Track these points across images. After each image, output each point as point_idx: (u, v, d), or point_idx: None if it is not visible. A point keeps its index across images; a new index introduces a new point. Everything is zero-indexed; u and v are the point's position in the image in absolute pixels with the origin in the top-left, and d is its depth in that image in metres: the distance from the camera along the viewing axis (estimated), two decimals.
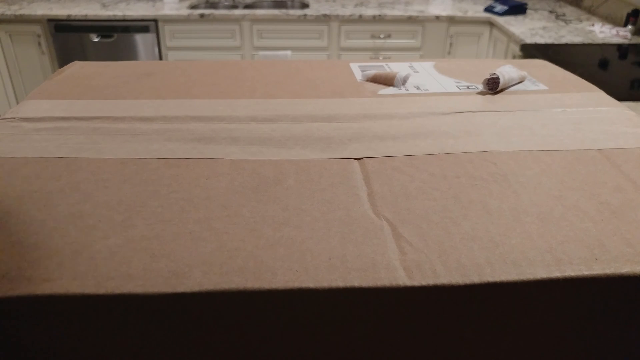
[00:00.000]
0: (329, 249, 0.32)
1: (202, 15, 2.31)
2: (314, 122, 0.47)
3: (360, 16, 2.33)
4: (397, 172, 0.40)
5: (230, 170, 0.40)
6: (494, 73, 0.54)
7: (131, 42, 2.36)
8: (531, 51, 1.84)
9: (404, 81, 0.56)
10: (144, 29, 2.34)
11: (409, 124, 0.47)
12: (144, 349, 0.31)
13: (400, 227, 0.34)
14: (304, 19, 2.34)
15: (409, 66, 0.61)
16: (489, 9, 2.39)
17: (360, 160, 0.42)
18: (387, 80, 0.56)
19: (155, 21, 2.33)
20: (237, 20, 2.34)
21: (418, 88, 0.55)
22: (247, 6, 2.53)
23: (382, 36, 2.39)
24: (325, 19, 2.34)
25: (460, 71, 0.60)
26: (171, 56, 2.40)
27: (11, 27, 2.33)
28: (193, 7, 2.45)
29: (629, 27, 2.03)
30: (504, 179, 0.39)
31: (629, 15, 2.05)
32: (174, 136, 0.44)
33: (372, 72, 0.58)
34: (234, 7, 2.49)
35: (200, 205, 0.36)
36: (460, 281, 0.30)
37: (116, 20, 2.31)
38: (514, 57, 2.05)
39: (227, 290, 0.29)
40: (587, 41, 1.97)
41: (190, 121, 0.47)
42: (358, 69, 0.60)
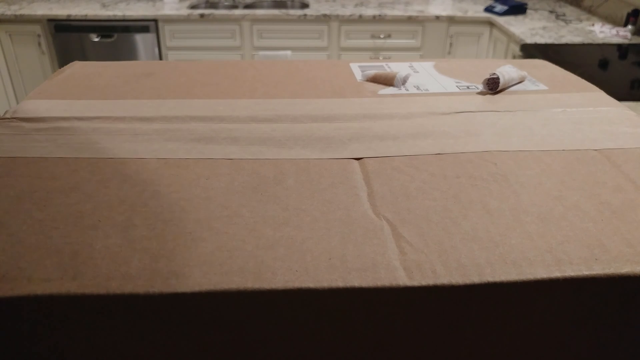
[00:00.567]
0: (329, 249, 0.32)
1: (202, 15, 2.31)
2: (314, 122, 0.47)
3: (360, 16, 2.33)
4: (397, 172, 0.40)
5: (230, 170, 0.40)
6: (494, 73, 0.54)
7: (131, 42, 2.36)
8: (531, 51, 1.84)
9: (404, 81, 0.56)
10: (144, 29, 2.34)
11: (409, 124, 0.47)
12: (144, 349, 0.31)
13: (400, 227, 0.34)
14: (304, 19, 2.34)
15: (409, 66, 0.61)
16: (489, 9, 2.39)
17: (360, 160, 0.42)
18: (387, 80, 0.56)
19: (155, 21, 2.33)
20: (237, 20, 2.34)
21: (418, 88, 0.55)
22: (247, 6, 2.53)
23: (382, 36, 2.39)
24: (325, 19, 2.34)
25: (460, 71, 0.60)
26: (171, 56, 2.40)
27: (11, 27, 2.33)
28: (193, 7, 2.45)
29: (629, 27, 2.03)
30: (504, 179, 0.39)
31: (629, 15, 2.05)
32: (174, 136, 0.44)
33: (372, 72, 0.58)
34: (234, 7, 2.49)
35: (200, 205, 0.36)
36: (460, 281, 0.30)
37: (116, 20, 2.31)
38: (514, 57, 2.05)
39: (227, 290, 0.29)
40: (587, 41, 1.97)
41: (190, 121, 0.47)
42: (358, 69, 0.60)
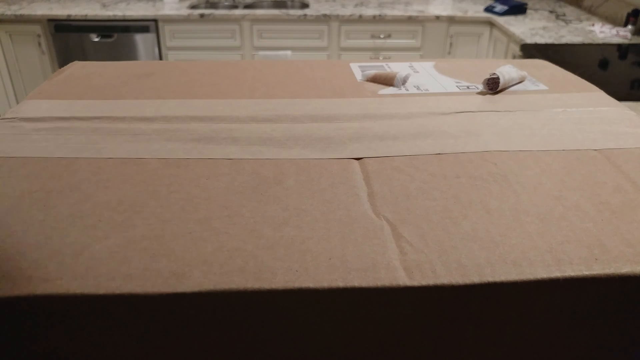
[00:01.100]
0: (329, 249, 0.32)
1: (202, 15, 2.31)
2: (314, 122, 0.47)
3: (360, 16, 2.33)
4: (397, 172, 0.40)
5: (230, 170, 0.40)
6: (494, 73, 0.54)
7: (131, 42, 2.36)
8: (531, 51, 1.84)
9: (404, 81, 0.56)
10: (144, 29, 2.34)
11: (409, 124, 0.47)
12: (144, 349, 0.31)
13: (400, 227, 0.34)
14: (304, 19, 2.34)
15: (409, 66, 0.61)
16: (489, 9, 2.39)
17: (360, 160, 0.42)
18: (387, 80, 0.56)
19: (155, 21, 2.33)
20: (237, 20, 2.34)
21: (418, 88, 0.55)
22: (247, 6, 2.53)
23: (382, 36, 2.39)
24: (325, 19, 2.34)
25: (460, 71, 0.60)
26: (171, 56, 2.40)
27: (11, 27, 2.33)
28: (193, 7, 2.45)
29: (629, 27, 2.03)
30: (504, 179, 0.39)
31: (629, 15, 2.05)
32: (174, 136, 0.44)
33: (372, 72, 0.58)
34: (234, 7, 2.49)
35: (200, 205, 0.36)
36: (460, 281, 0.30)
37: (116, 20, 2.31)
38: (514, 57, 2.05)
39: (227, 290, 0.29)
40: (587, 41, 1.97)
41: (190, 121, 0.47)
42: (358, 69, 0.60)
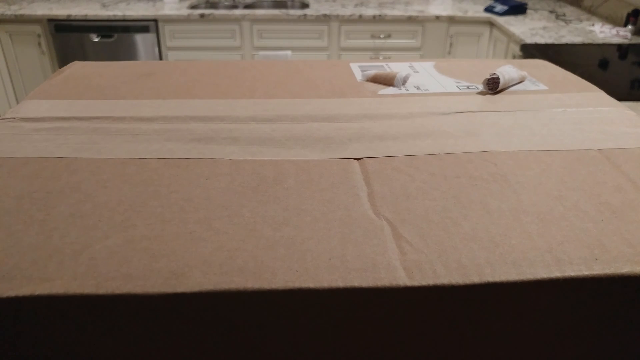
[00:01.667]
0: (329, 249, 0.32)
1: (202, 15, 2.31)
2: (314, 122, 0.47)
3: (360, 16, 2.33)
4: (397, 172, 0.40)
5: (230, 170, 0.40)
6: (494, 73, 0.54)
7: (131, 42, 2.36)
8: (531, 51, 1.84)
9: (404, 81, 0.56)
10: (144, 29, 2.34)
11: (409, 124, 0.47)
12: (144, 349, 0.31)
13: (400, 227, 0.34)
14: (304, 19, 2.34)
15: (409, 66, 0.61)
16: (489, 9, 2.39)
17: (360, 160, 0.42)
18: (387, 80, 0.56)
19: (155, 21, 2.33)
20: (237, 20, 2.34)
21: (418, 88, 0.55)
22: (247, 6, 2.53)
23: (382, 36, 2.39)
24: (325, 19, 2.34)
25: (460, 71, 0.60)
26: (171, 56, 2.40)
27: (11, 27, 2.33)
28: (193, 7, 2.45)
29: (629, 27, 2.03)
30: (504, 179, 0.39)
31: (629, 15, 2.05)
32: (174, 136, 0.44)
33: (372, 72, 0.58)
34: (234, 7, 2.49)
35: (200, 205, 0.36)
36: (460, 281, 0.30)
37: (116, 20, 2.31)
38: (514, 57, 2.05)
39: (227, 290, 0.29)
40: (587, 41, 1.97)
41: (190, 121, 0.47)
42: (358, 69, 0.60)
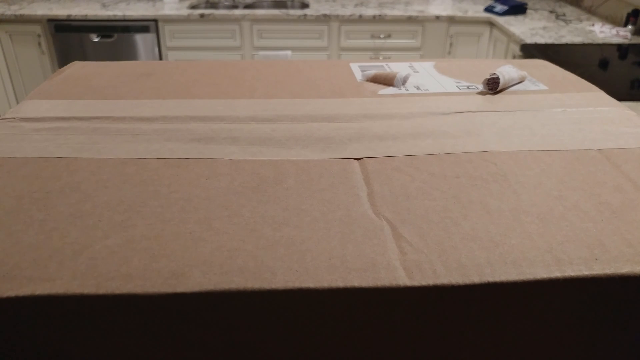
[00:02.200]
0: (329, 249, 0.32)
1: (202, 15, 2.31)
2: (314, 122, 0.47)
3: (360, 16, 2.33)
4: (397, 172, 0.40)
5: (230, 170, 0.40)
6: (494, 73, 0.54)
7: (131, 42, 2.36)
8: (531, 51, 1.84)
9: (404, 81, 0.56)
10: (144, 29, 2.34)
11: (409, 124, 0.47)
12: (144, 349, 0.31)
13: (400, 227, 0.34)
14: (304, 19, 2.34)
15: (409, 66, 0.61)
16: (489, 9, 2.39)
17: (360, 160, 0.42)
18: (387, 80, 0.56)
19: (155, 21, 2.33)
20: (237, 20, 2.34)
21: (418, 88, 0.55)
22: (247, 6, 2.53)
23: (382, 36, 2.39)
24: (325, 19, 2.34)
25: (460, 71, 0.60)
26: (171, 56, 2.40)
27: (11, 27, 2.33)
28: (193, 7, 2.45)
29: (629, 27, 2.03)
30: (504, 179, 0.39)
31: (629, 15, 2.05)
32: (174, 136, 0.44)
33: (372, 72, 0.58)
34: (234, 7, 2.49)
35: (200, 205, 0.36)
36: (460, 281, 0.30)
37: (116, 20, 2.31)
38: (514, 57, 2.05)
39: (227, 290, 0.29)
40: (587, 41, 1.97)
41: (190, 121, 0.47)
42: (358, 69, 0.60)
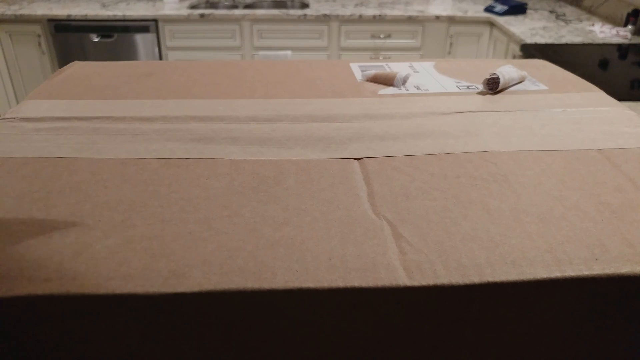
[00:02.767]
0: (329, 249, 0.32)
1: (202, 15, 2.31)
2: (314, 122, 0.47)
3: (360, 16, 2.33)
4: (397, 172, 0.40)
5: (230, 170, 0.40)
6: (494, 73, 0.54)
7: (131, 42, 2.36)
8: (531, 51, 1.84)
9: (404, 81, 0.56)
10: (144, 29, 2.34)
11: (409, 124, 0.47)
12: (143, 348, 0.31)
13: (400, 227, 0.34)
14: (304, 19, 2.34)
15: (409, 66, 0.61)
16: (489, 9, 2.39)
17: (360, 160, 0.42)
18: (387, 80, 0.56)
19: (155, 21, 2.33)
20: (237, 20, 2.34)
21: (418, 88, 0.55)
22: (247, 6, 2.53)
23: (382, 36, 2.39)
24: (325, 19, 2.34)
25: (460, 71, 0.60)
26: (171, 56, 2.40)
27: (11, 27, 2.33)
28: (193, 7, 2.45)
29: (629, 27, 2.03)
30: (504, 179, 0.39)
31: (629, 15, 2.05)
32: (174, 136, 0.44)
33: (372, 72, 0.58)
34: (234, 7, 2.49)
35: (200, 205, 0.36)
36: (460, 281, 0.30)
37: (116, 20, 2.31)
38: (514, 57, 2.05)
39: (227, 290, 0.29)
40: (587, 41, 1.97)
41: (190, 121, 0.47)
42: (358, 69, 0.60)
